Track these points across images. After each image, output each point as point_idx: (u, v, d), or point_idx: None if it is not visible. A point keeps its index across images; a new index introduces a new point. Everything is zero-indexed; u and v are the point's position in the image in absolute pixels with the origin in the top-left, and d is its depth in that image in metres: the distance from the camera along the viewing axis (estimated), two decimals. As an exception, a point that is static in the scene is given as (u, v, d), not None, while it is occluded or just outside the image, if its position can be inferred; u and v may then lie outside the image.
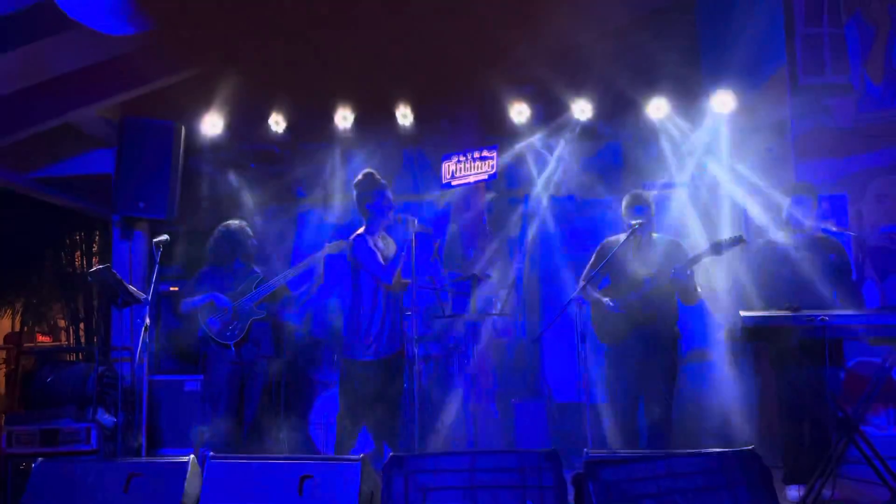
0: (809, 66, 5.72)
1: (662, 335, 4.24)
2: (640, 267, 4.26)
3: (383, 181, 4.48)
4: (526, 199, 7.20)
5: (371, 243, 4.33)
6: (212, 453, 3.19)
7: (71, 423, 4.96)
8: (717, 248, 4.06)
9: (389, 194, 4.45)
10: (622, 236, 4.32)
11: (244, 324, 4.44)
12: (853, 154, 5.60)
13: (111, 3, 2.07)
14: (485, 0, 5.82)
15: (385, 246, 4.44)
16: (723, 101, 5.83)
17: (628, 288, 4.25)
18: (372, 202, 4.38)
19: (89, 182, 6.59)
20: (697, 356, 6.13)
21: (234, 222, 4.69)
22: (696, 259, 4.14)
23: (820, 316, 3.47)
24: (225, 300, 4.45)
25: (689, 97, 7.11)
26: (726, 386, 6.07)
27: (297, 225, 7.68)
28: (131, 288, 4.65)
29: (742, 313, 3.56)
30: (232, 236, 4.61)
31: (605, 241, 4.49)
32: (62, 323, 11.26)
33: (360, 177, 4.46)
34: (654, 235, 4.44)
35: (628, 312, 4.21)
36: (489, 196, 6.60)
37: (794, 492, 3.97)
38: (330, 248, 4.64)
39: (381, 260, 4.28)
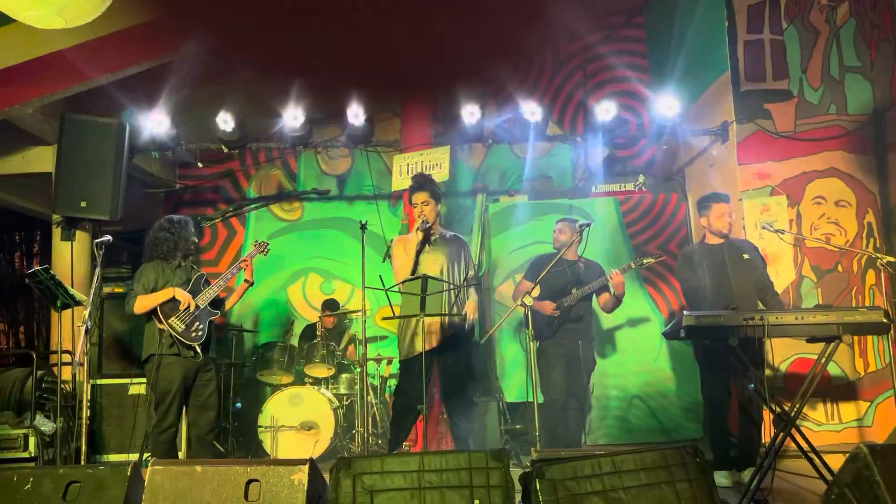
0: (751, 72, 5.88)
1: (586, 334, 5.01)
2: (569, 278, 4.93)
3: (421, 182, 4.68)
4: (477, 199, 7.25)
5: (400, 244, 4.63)
6: (154, 458, 3.11)
7: (7, 430, 4.79)
8: (640, 262, 4.86)
9: (419, 197, 4.60)
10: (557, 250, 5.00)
11: (205, 323, 4.27)
12: (792, 157, 5.78)
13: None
14: (438, 2, 5.84)
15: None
16: (669, 105, 5.96)
17: (559, 295, 4.89)
18: (411, 203, 4.68)
19: (29, 181, 6.39)
20: (645, 355, 6.25)
21: (176, 217, 4.50)
22: (626, 269, 4.87)
23: (759, 315, 3.57)
24: (189, 297, 4.25)
25: (635, 101, 7.27)
26: (672, 383, 6.21)
27: (246, 224, 7.59)
28: (72, 290, 4.50)
29: (685, 312, 3.64)
30: (175, 230, 4.40)
31: (538, 256, 5.17)
32: (1, 326, 10.89)
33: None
34: (579, 254, 5.06)
35: (562, 313, 4.89)
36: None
37: (720, 478, 4.14)
38: (256, 250, 4.58)
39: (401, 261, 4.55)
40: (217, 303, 4.50)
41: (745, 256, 4.51)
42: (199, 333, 4.24)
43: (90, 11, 2.24)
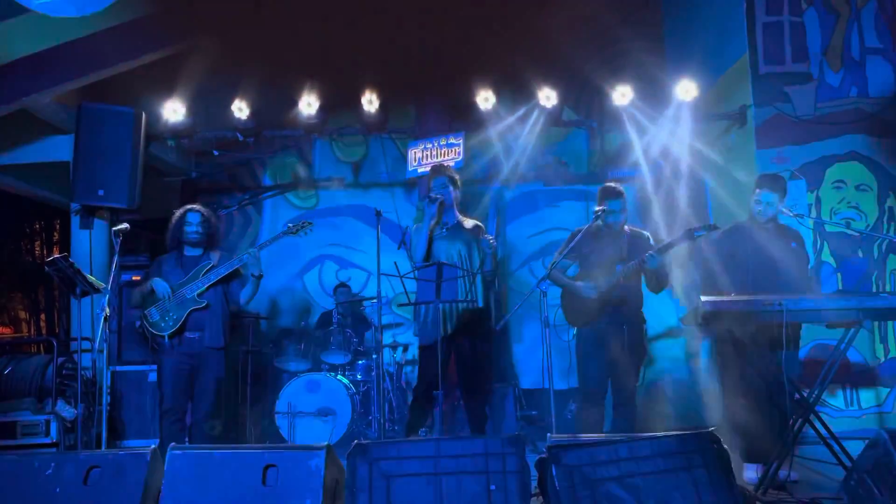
0: (770, 55, 5.79)
1: (632, 318, 4.42)
2: (612, 255, 4.41)
3: (433, 171, 4.68)
4: (493, 186, 7.23)
5: (416, 231, 4.60)
6: (173, 444, 3.15)
7: (29, 416, 4.86)
8: (689, 234, 4.20)
9: (434, 182, 4.58)
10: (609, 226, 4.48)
11: (181, 314, 4.26)
12: (812, 141, 5.69)
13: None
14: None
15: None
16: (686, 89, 5.89)
17: (599, 274, 4.39)
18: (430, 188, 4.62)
19: (47, 170, 6.45)
20: (662, 340, 6.23)
21: (191, 206, 4.51)
22: (669, 246, 4.27)
23: (778, 300, 3.53)
24: (164, 287, 4.27)
25: (653, 84, 7.19)
26: (690, 368, 6.19)
27: (262, 212, 7.61)
28: (90, 277, 4.53)
29: (702, 298, 3.61)
30: (185, 220, 4.42)
31: (576, 229, 4.52)
32: (22, 314, 11.05)
33: None
34: (626, 226, 4.55)
35: (599, 295, 4.35)
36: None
37: (751, 472, 4.05)
38: (274, 238, 4.58)
39: (415, 247, 4.54)
40: (226, 292, 4.47)
41: (793, 245, 4.22)
42: (171, 323, 4.25)
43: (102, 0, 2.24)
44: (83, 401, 4.72)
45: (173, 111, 5.82)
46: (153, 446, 3.23)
